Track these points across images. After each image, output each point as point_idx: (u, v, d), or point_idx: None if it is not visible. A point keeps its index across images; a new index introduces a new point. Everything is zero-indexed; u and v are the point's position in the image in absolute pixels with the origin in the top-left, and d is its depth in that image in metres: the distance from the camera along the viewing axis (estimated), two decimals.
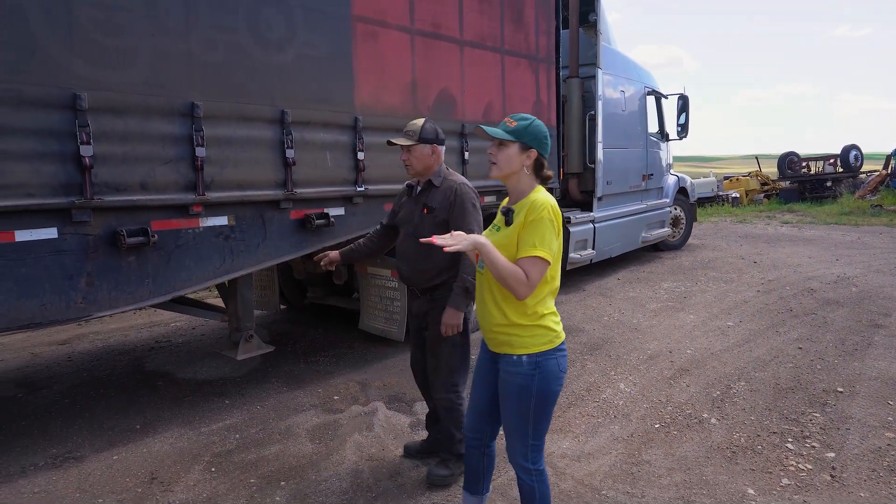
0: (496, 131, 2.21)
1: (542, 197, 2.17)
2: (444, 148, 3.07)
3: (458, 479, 3.02)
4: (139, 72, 3.21)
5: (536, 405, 2.19)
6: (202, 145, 3.44)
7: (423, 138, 2.97)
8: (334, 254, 3.24)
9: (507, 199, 2.35)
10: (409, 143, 2.99)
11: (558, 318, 2.26)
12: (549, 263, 2.09)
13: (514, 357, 2.19)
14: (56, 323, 3.10)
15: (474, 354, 2.67)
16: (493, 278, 2.13)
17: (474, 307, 2.42)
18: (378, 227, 3.33)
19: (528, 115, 2.25)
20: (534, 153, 2.21)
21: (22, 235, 2.89)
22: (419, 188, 3.07)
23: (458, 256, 2.88)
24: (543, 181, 2.28)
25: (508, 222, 2.19)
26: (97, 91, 3.05)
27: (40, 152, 2.92)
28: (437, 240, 2.05)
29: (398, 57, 4.57)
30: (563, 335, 2.25)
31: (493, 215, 2.34)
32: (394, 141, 3.07)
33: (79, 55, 3.00)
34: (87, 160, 3.01)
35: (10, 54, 2.80)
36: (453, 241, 2.04)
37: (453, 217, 2.92)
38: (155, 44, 3.26)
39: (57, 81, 2.94)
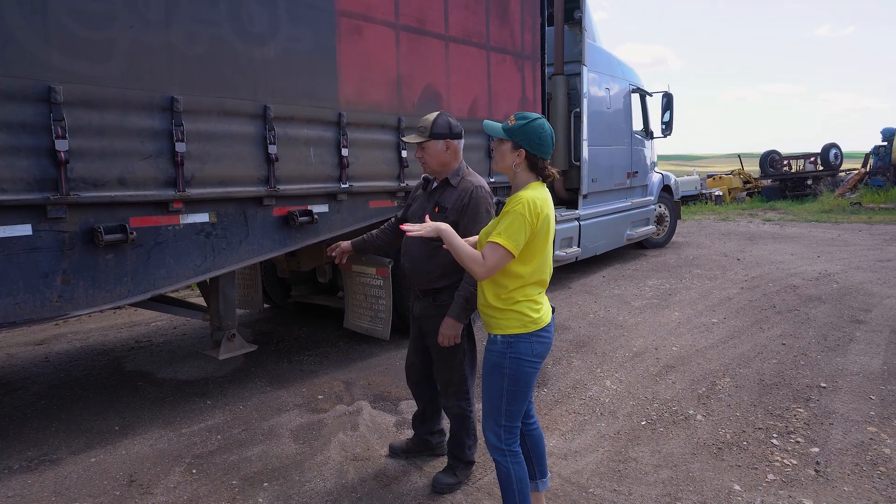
0: (494, 128, 2.31)
1: (525, 192, 2.24)
2: (461, 142, 2.89)
3: (463, 485, 2.98)
4: (117, 64, 3.14)
5: (509, 384, 2.30)
6: (182, 140, 3.37)
7: (434, 133, 2.81)
8: (346, 244, 3.17)
9: None
10: (420, 139, 2.84)
11: (538, 307, 2.31)
12: (509, 252, 2.16)
13: (492, 336, 2.34)
14: (31, 322, 3.03)
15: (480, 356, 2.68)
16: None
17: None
18: (392, 219, 3.23)
19: (530, 115, 2.28)
20: (523, 152, 2.27)
21: None
22: (435, 184, 2.93)
23: None
24: (545, 178, 2.33)
25: (497, 213, 2.35)
26: (73, 84, 2.97)
27: (14, 146, 2.83)
28: (406, 226, 2.27)
29: (383, 52, 4.52)
30: (542, 323, 2.30)
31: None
32: (406, 139, 2.97)
33: (55, 47, 2.92)
34: (62, 155, 2.93)
35: None
36: (418, 227, 2.25)
37: (464, 221, 2.74)
38: (134, 36, 3.18)
39: (31, 74, 2.85)
